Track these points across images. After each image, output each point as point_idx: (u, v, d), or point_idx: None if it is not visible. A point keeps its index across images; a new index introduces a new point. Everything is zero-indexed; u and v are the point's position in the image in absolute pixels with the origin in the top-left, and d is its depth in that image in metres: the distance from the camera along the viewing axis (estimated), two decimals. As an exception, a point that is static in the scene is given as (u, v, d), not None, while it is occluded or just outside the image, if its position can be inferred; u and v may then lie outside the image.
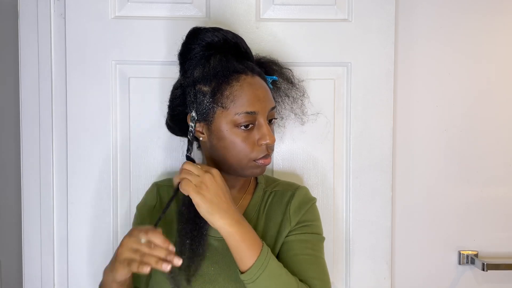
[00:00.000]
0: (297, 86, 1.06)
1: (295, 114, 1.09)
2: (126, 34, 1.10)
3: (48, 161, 1.14)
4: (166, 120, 1.00)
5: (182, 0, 1.11)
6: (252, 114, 0.84)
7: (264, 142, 0.85)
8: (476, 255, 1.19)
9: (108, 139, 1.12)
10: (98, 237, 1.13)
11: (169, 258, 0.74)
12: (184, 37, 0.90)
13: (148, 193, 1.01)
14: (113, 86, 1.11)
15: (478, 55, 1.19)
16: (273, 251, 0.90)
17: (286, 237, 0.91)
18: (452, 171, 1.20)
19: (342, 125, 1.14)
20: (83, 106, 1.11)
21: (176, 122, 0.96)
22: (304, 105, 1.09)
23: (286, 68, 1.04)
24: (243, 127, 0.85)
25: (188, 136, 0.87)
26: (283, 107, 1.05)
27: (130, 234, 0.78)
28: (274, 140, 0.86)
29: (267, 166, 1.14)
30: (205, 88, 0.86)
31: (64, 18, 1.11)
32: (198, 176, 0.80)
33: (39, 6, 1.12)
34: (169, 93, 0.97)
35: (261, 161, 0.87)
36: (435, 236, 1.20)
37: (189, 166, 0.81)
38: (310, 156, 1.14)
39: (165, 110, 1.12)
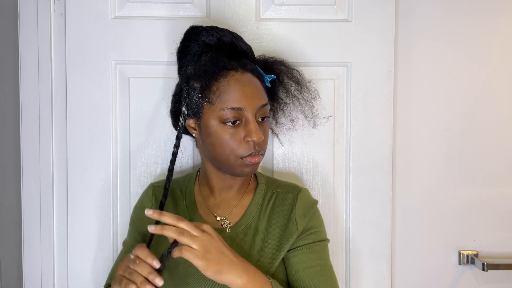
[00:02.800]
0: (307, 87, 1.04)
1: (306, 116, 1.08)
2: (126, 34, 1.10)
3: (48, 161, 1.14)
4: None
5: (182, 0, 1.11)
6: (237, 110, 0.84)
7: (250, 139, 0.85)
8: (476, 255, 1.19)
9: (108, 139, 1.12)
10: (98, 237, 1.13)
11: (150, 277, 0.73)
12: (181, 35, 0.92)
13: (144, 194, 1.01)
14: (113, 86, 1.11)
15: (478, 55, 1.19)
16: (277, 255, 0.89)
17: (293, 249, 0.90)
18: (452, 171, 1.20)
19: (342, 125, 1.14)
20: (83, 106, 1.11)
21: (176, 119, 0.97)
22: (314, 107, 1.08)
23: (294, 69, 1.02)
24: (229, 123, 0.85)
25: (178, 130, 0.88)
26: (293, 108, 1.04)
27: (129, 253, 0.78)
28: (261, 138, 0.85)
29: (267, 167, 1.14)
30: (196, 84, 0.87)
31: (64, 18, 1.11)
32: (197, 237, 0.75)
33: (39, 6, 1.12)
34: (171, 92, 0.99)
35: (249, 159, 0.86)
36: (435, 236, 1.20)
37: (184, 224, 0.75)
38: (310, 156, 1.14)
39: (164, 110, 1.12)
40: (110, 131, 1.12)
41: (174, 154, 0.89)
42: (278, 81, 0.99)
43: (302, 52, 1.12)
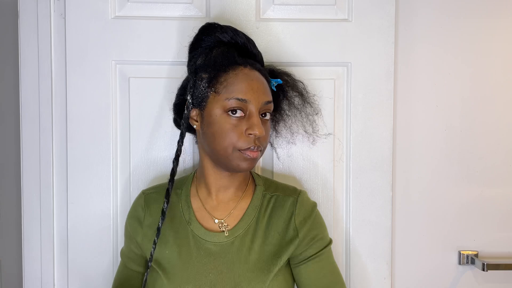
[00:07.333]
0: (309, 101, 1.05)
1: (306, 131, 1.08)
2: (126, 34, 1.10)
3: (48, 161, 1.14)
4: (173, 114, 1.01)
5: (182, 0, 1.11)
6: (242, 101, 0.85)
7: (252, 133, 0.84)
8: (476, 255, 1.19)
9: (108, 139, 1.12)
10: (98, 237, 1.13)
11: None
12: (197, 30, 0.94)
13: (136, 204, 0.99)
14: (113, 86, 1.11)
15: (478, 55, 1.19)
16: (276, 260, 0.89)
17: (305, 260, 0.91)
18: (452, 171, 1.20)
19: (342, 125, 1.14)
20: (83, 106, 1.11)
21: (178, 112, 0.97)
22: (315, 122, 1.08)
23: (299, 81, 1.03)
24: (232, 114, 0.85)
25: (182, 121, 0.89)
26: (293, 121, 1.05)
27: None
28: (262, 132, 0.85)
29: (267, 167, 1.14)
30: (204, 75, 0.88)
31: (64, 18, 1.11)
32: None
33: (39, 6, 1.12)
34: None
35: (248, 153, 0.85)
36: (435, 236, 1.20)
37: None
38: (310, 156, 1.14)
39: (165, 110, 1.12)
40: (110, 131, 1.12)
41: (178, 151, 0.89)
42: (282, 91, 1.00)
43: (302, 52, 1.12)
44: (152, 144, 1.13)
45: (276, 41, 1.12)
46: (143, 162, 1.13)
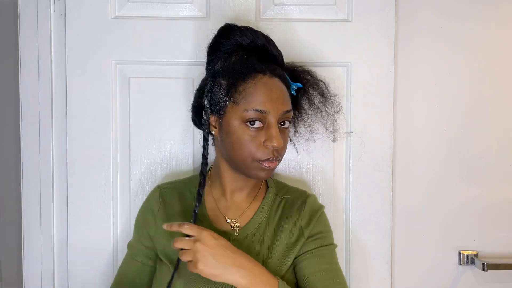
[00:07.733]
0: (331, 101, 1.04)
1: (327, 130, 1.07)
2: (126, 34, 1.10)
3: (48, 161, 1.14)
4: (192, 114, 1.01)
5: (182, 0, 1.11)
6: (261, 112, 0.84)
7: (270, 144, 0.84)
8: (476, 255, 1.19)
9: (108, 139, 1.12)
10: (98, 237, 1.12)
11: None
12: (215, 31, 0.93)
13: (150, 197, 1.00)
14: (113, 86, 1.11)
15: (478, 55, 1.19)
16: (285, 260, 0.90)
17: (301, 254, 0.91)
18: (452, 171, 1.20)
19: (342, 125, 1.14)
20: (83, 106, 1.11)
21: (196, 113, 0.97)
22: (336, 121, 1.08)
23: (320, 80, 1.02)
24: (250, 125, 0.84)
25: (203, 127, 0.88)
26: (314, 120, 1.04)
27: None
28: (281, 144, 0.84)
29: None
30: (223, 81, 0.87)
31: (64, 18, 1.11)
32: (190, 249, 0.80)
33: (39, 6, 1.12)
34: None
35: (266, 164, 0.86)
36: (435, 236, 1.20)
37: (180, 244, 0.81)
38: (310, 157, 1.14)
39: (165, 109, 1.12)
40: (110, 131, 1.12)
41: (205, 155, 0.88)
42: (303, 90, 0.99)
43: (302, 52, 1.12)
44: (152, 144, 1.13)
45: (276, 41, 1.10)
46: (143, 162, 1.13)
